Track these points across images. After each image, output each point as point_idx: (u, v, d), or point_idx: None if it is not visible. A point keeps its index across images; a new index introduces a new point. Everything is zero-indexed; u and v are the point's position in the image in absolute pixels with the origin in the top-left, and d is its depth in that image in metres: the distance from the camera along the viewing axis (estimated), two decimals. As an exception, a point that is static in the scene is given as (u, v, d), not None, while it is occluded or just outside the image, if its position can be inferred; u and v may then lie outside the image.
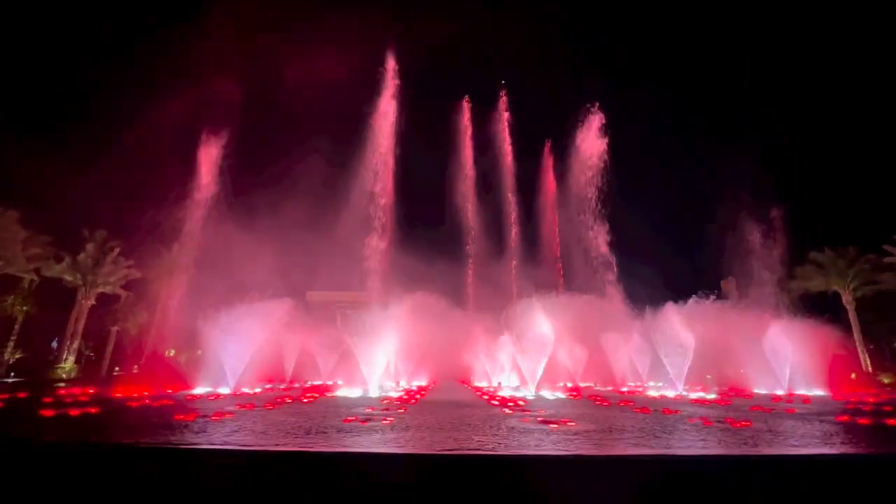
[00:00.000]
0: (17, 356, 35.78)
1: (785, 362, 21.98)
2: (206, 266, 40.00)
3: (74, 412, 10.09)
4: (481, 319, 31.06)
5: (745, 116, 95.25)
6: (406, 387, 23.92)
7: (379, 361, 21.72)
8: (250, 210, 44.46)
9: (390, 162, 43.97)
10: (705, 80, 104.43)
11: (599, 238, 41.41)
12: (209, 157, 40.20)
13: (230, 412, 10.51)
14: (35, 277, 32.78)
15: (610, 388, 23.90)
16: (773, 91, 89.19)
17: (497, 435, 7.55)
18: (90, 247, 34.01)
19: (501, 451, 6.06)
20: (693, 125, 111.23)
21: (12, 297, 34.37)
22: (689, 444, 6.78)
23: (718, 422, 9.26)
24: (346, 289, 48.14)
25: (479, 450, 6.12)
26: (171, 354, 45.41)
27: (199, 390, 18.68)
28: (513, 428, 8.30)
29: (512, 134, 53.35)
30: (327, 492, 4.68)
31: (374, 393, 18.17)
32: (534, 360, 21.94)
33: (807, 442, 7.07)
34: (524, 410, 11.68)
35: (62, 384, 25.25)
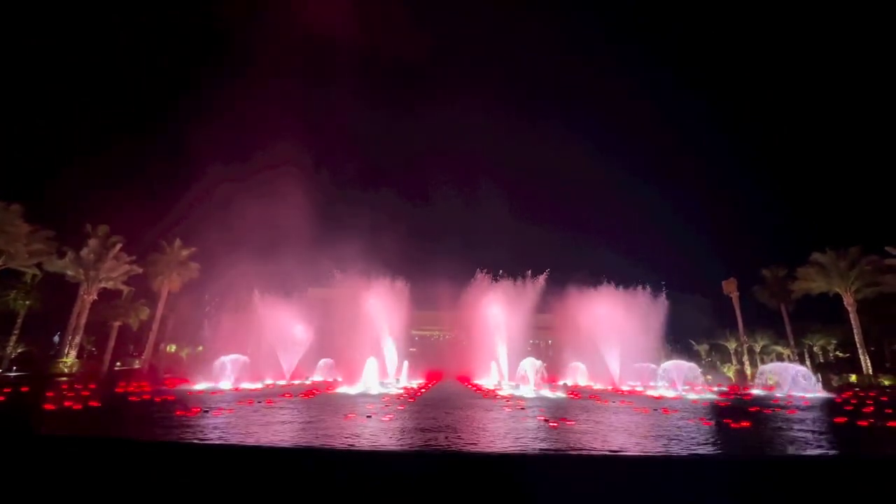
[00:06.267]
0: (20, 350, 35.93)
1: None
2: (208, 263, 40.20)
3: (76, 406, 10.16)
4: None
5: (749, 116, 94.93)
6: (406, 384, 23.98)
7: (379, 358, 21.78)
8: (255, 206, 44.60)
9: None
10: (708, 77, 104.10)
11: None
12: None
13: (231, 408, 10.57)
14: (37, 272, 32.78)
15: (610, 388, 23.92)
16: (777, 91, 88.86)
17: (496, 433, 7.58)
18: (93, 242, 33.97)
19: (499, 450, 6.08)
20: (697, 125, 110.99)
21: (15, 291, 34.46)
22: (686, 444, 6.80)
23: (717, 422, 9.28)
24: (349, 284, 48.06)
25: (477, 448, 6.15)
26: (173, 350, 45.62)
27: (200, 386, 18.75)
28: (512, 427, 8.33)
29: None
30: (324, 487, 4.71)
31: (373, 390, 18.22)
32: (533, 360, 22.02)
33: (802, 444, 7.08)
34: (524, 409, 11.70)
35: (64, 378, 25.36)
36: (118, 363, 41.03)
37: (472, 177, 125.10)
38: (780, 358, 47.84)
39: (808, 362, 45.99)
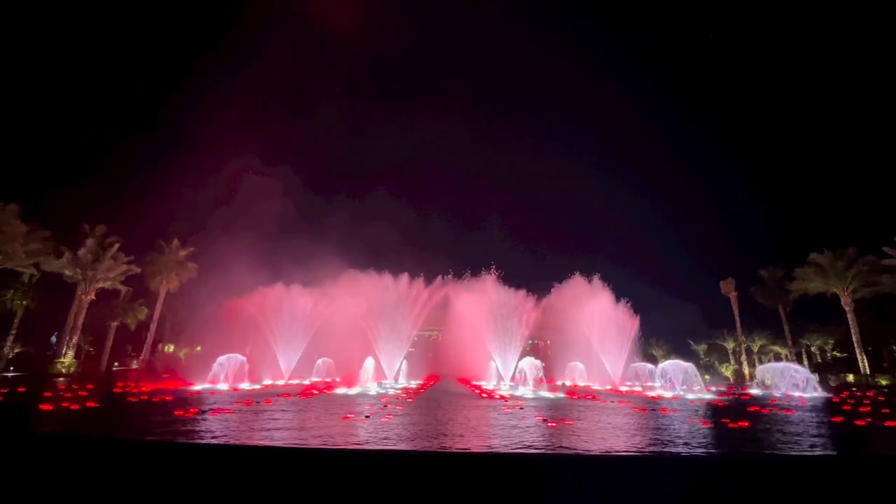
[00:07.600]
0: (17, 350, 35.75)
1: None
2: (207, 262, 40.11)
3: (74, 407, 10.12)
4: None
5: (746, 117, 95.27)
6: (404, 384, 23.99)
7: (377, 358, 21.76)
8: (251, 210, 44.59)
9: None
10: (705, 78, 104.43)
11: None
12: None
13: (229, 408, 10.55)
14: (35, 272, 32.63)
15: (608, 388, 23.95)
16: (774, 91, 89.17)
17: (494, 433, 7.57)
18: (90, 242, 33.85)
19: (497, 450, 6.08)
20: (693, 127, 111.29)
21: (12, 291, 34.30)
22: (685, 443, 6.81)
23: (715, 422, 9.29)
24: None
25: (475, 448, 6.15)
26: (171, 350, 45.50)
27: (198, 386, 18.70)
28: (511, 427, 8.32)
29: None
30: (323, 487, 4.70)
31: (372, 390, 18.20)
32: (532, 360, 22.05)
33: (799, 444, 7.10)
34: (523, 409, 11.70)
35: (62, 379, 25.28)
36: (116, 363, 40.87)
37: (466, 178, 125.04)
38: (777, 358, 47.89)
39: (805, 362, 46.08)
